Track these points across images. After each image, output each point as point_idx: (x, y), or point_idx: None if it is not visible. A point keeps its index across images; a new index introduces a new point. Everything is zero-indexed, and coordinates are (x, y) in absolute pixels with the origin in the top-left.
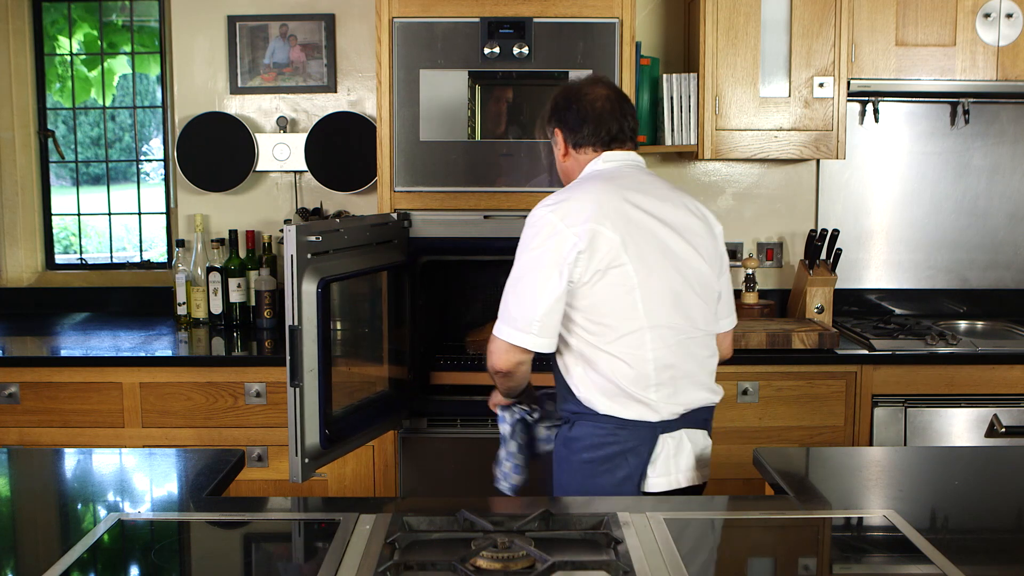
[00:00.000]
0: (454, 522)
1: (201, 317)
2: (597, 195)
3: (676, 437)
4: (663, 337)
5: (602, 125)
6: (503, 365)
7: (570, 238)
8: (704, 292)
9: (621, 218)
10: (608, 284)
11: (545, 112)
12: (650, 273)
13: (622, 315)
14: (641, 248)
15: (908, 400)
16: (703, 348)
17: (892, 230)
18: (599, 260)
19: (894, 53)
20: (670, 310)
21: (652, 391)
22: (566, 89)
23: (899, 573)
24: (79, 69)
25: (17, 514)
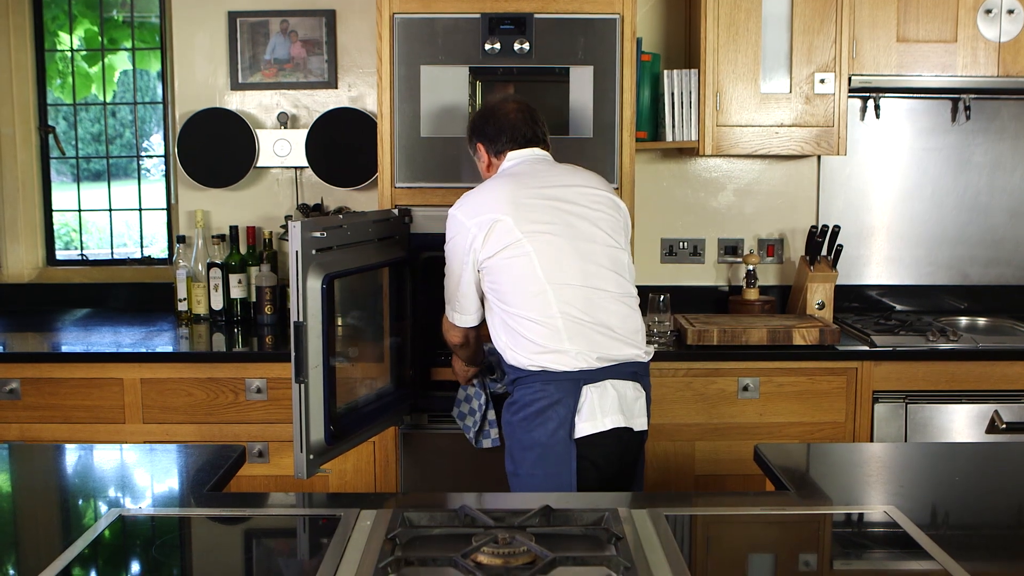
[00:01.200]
0: (455, 518)
1: (202, 313)
2: (494, 188)
3: (600, 386)
4: (566, 295)
5: (517, 131)
6: (453, 338)
7: (472, 229)
8: (608, 261)
9: (513, 202)
10: (509, 257)
11: (467, 135)
12: (546, 241)
13: (525, 280)
14: (534, 223)
15: (909, 396)
16: (618, 308)
17: (893, 226)
18: (497, 241)
19: (895, 49)
20: (570, 271)
21: (566, 342)
22: (482, 109)
23: (900, 569)
24: (80, 65)
25: (18, 510)
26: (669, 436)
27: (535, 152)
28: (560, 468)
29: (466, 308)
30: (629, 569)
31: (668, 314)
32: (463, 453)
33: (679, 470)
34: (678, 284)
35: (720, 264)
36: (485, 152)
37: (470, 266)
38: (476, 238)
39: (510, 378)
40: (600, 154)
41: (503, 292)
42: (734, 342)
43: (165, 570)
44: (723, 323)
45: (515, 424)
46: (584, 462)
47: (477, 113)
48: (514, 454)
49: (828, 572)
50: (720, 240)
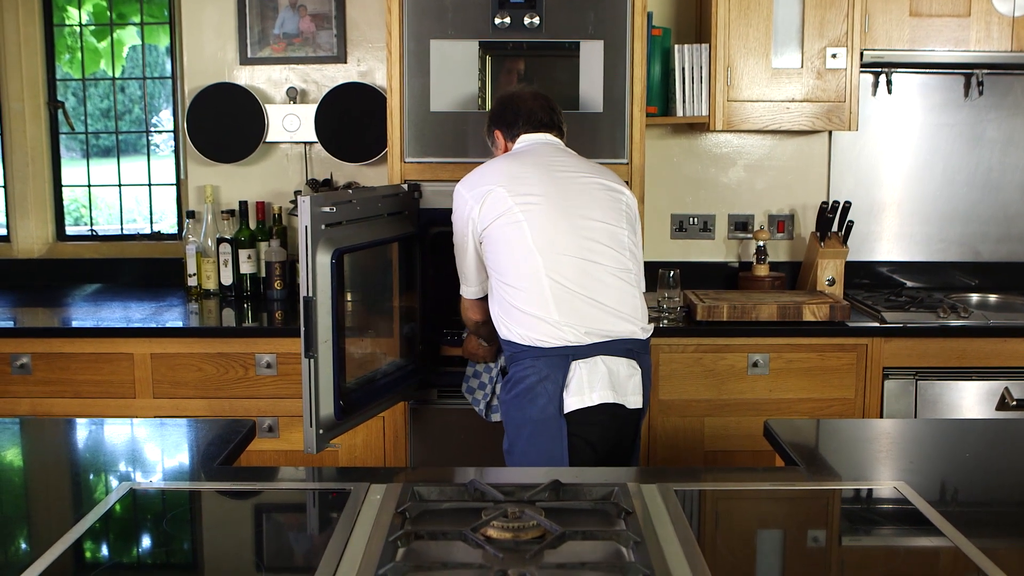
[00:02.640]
0: (464, 492)
1: (211, 288)
2: (494, 163)
3: (590, 363)
4: (557, 264)
5: (534, 115)
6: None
7: (470, 201)
8: (605, 236)
9: (508, 174)
10: (502, 226)
11: (486, 125)
12: (540, 214)
13: (516, 248)
14: (527, 195)
15: (919, 373)
16: (613, 281)
17: (904, 202)
18: (491, 210)
19: (908, 23)
20: (563, 242)
21: (553, 311)
22: (500, 98)
23: (910, 545)
24: (88, 40)
25: (30, 484)
26: (678, 412)
27: (546, 136)
28: (552, 445)
29: (470, 279)
30: (639, 544)
31: (678, 290)
32: (472, 428)
33: (688, 446)
34: (688, 260)
35: (730, 240)
36: (502, 138)
37: (471, 237)
38: (473, 209)
39: (506, 355)
40: (610, 129)
41: (497, 262)
42: (744, 318)
43: (176, 544)
44: (733, 299)
45: (509, 402)
46: (577, 439)
47: (494, 103)
48: (509, 432)
49: (837, 548)
50: (730, 216)
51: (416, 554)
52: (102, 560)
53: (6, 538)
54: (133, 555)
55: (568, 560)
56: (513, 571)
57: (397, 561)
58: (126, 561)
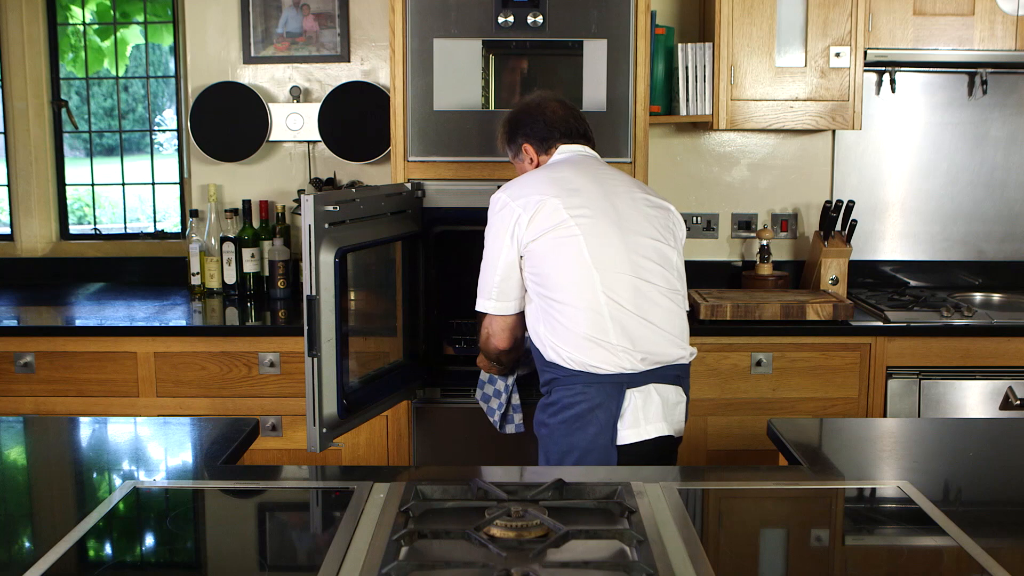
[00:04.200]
0: (467, 491)
1: (215, 287)
2: (541, 172)
3: (644, 391)
4: (614, 282)
5: (568, 125)
6: (499, 343)
7: (516, 209)
8: (655, 255)
9: (560, 185)
10: (554, 238)
11: (507, 133)
12: (596, 228)
13: (571, 265)
14: (582, 208)
15: (922, 372)
16: (664, 303)
17: (908, 201)
18: (543, 222)
19: (912, 22)
20: (620, 260)
21: (611, 334)
22: (524, 107)
23: (914, 544)
24: (92, 39)
25: (33, 483)
26: None
27: (584, 148)
28: None
29: (508, 294)
30: (642, 543)
31: None
32: (476, 427)
33: (692, 445)
34: (691, 259)
35: (734, 239)
36: (533, 151)
37: (513, 249)
38: (520, 218)
39: (547, 377)
40: (613, 128)
41: (546, 277)
42: (747, 317)
43: (179, 542)
44: (736, 298)
45: (553, 427)
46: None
47: (518, 113)
48: (550, 455)
49: (841, 547)
50: (734, 215)
51: (419, 553)
52: (106, 559)
53: (10, 537)
54: (137, 554)
55: (571, 559)
56: (516, 570)
57: (400, 560)
58: (129, 560)
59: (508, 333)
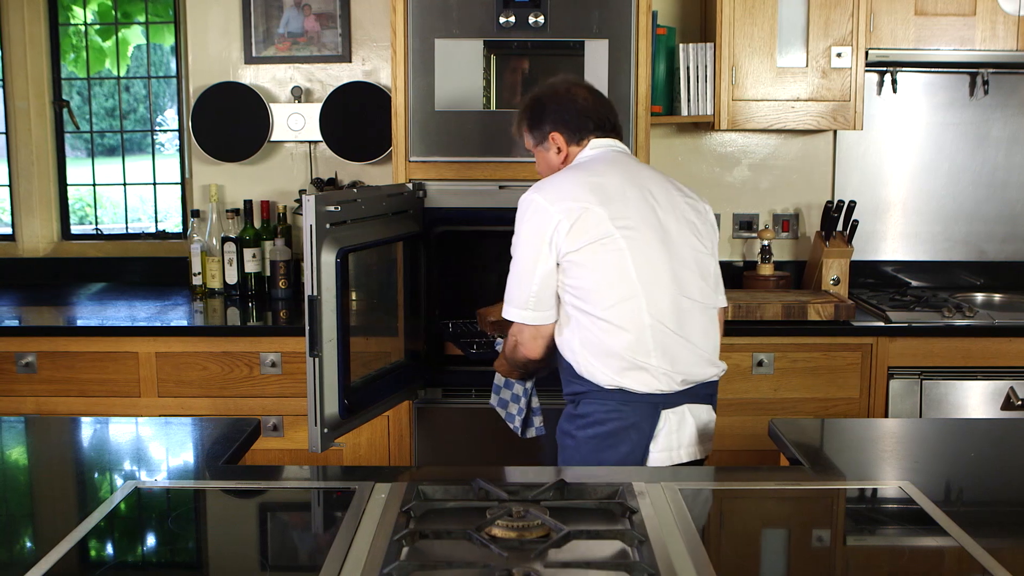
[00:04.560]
0: (469, 491)
1: (216, 287)
2: (580, 175)
3: (679, 413)
4: (659, 302)
5: (600, 115)
6: (531, 353)
7: (555, 215)
8: (698, 267)
9: (603, 192)
10: (599, 253)
11: (530, 119)
12: (641, 242)
13: (617, 281)
14: (629, 219)
15: (924, 372)
16: (702, 320)
17: (909, 201)
18: (585, 233)
19: (913, 22)
20: (664, 277)
21: (652, 356)
22: (552, 91)
23: (915, 545)
24: (93, 39)
25: (35, 482)
26: None
27: (618, 144)
28: None
29: (545, 303)
30: (643, 543)
31: None
32: (477, 427)
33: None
34: None
35: (735, 239)
36: (564, 141)
37: (552, 257)
38: (560, 225)
39: (575, 388)
40: None
41: (586, 292)
42: (749, 317)
43: (181, 542)
44: (738, 298)
45: (581, 440)
46: None
47: (545, 97)
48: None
49: (842, 547)
50: (735, 215)
51: (421, 553)
52: (107, 559)
53: (12, 536)
54: (138, 554)
55: (573, 559)
56: (518, 570)
57: (402, 560)
58: (131, 560)
59: (541, 342)
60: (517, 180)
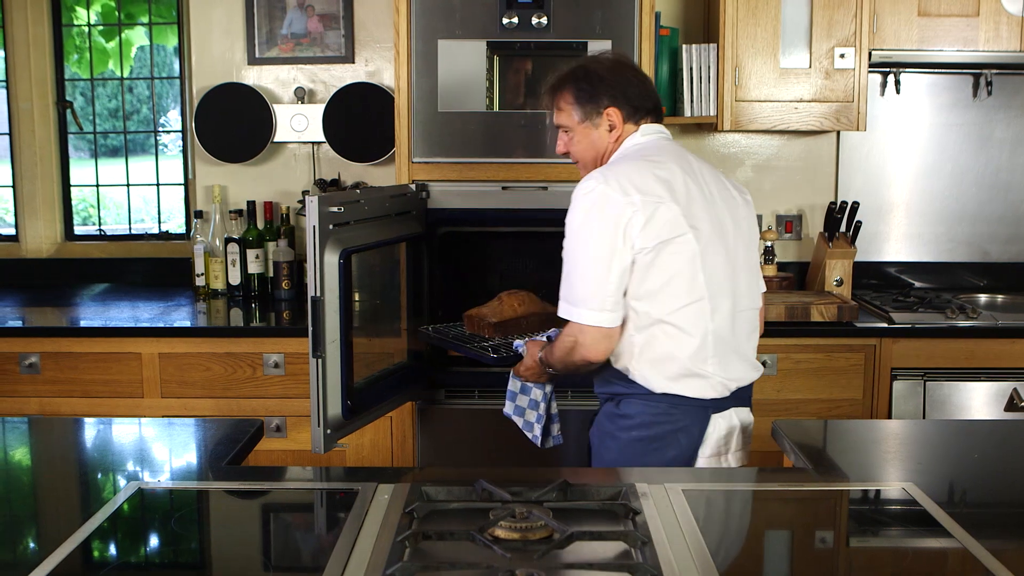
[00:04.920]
0: (472, 492)
1: (219, 288)
2: (647, 166)
3: (726, 416)
4: (720, 308)
5: (656, 97)
6: (596, 355)
7: (627, 208)
8: (749, 267)
9: (674, 189)
10: (670, 254)
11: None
12: (706, 242)
13: (686, 285)
14: (697, 218)
15: (927, 374)
16: (749, 323)
17: (912, 202)
18: (660, 230)
19: (916, 23)
20: (725, 281)
21: (710, 363)
22: (612, 66)
23: (918, 546)
24: (97, 40)
25: (38, 483)
26: None
27: (665, 131)
28: None
29: (619, 302)
30: (646, 544)
31: None
32: (480, 428)
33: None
34: None
35: None
36: (620, 119)
37: (627, 252)
38: (635, 218)
39: (618, 389)
40: None
41: (653, 294)
42: None
43: (184, 543)
44: None
45: (625, 443)
46: None
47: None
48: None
49: (845, 548)
50: None
51: (424, 554)
52: (110, 559)
53: (15, 537)
54: (141, 554)
55: (576, 560)
56: (521, 571)
57: (405, 561)
58: (134, 560)
59: (608, 345)
60: (520, 181)
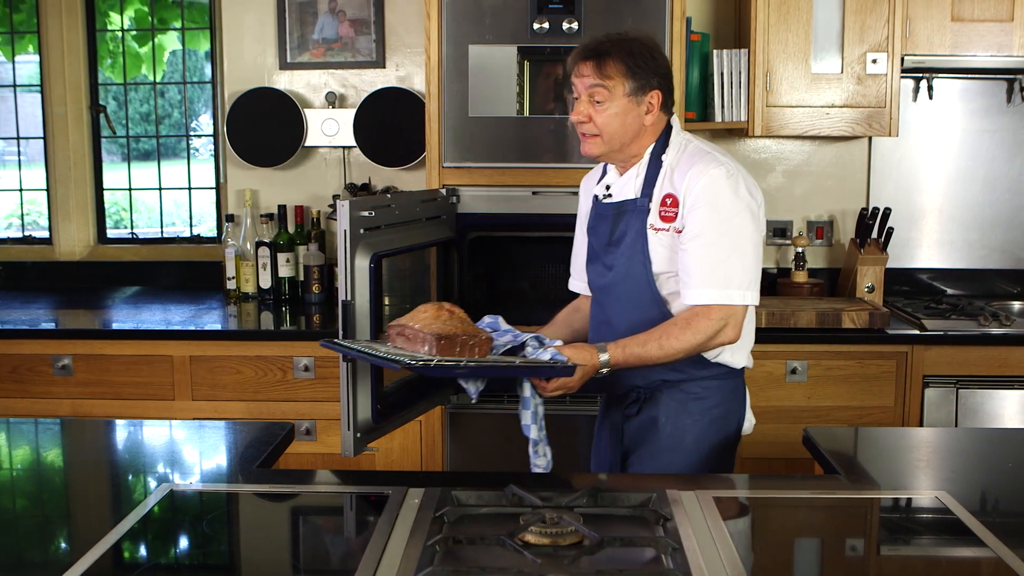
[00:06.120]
0: (502, 497)
1: (250, 291)
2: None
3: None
4: None
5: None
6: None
7: (756, 194)
8: None
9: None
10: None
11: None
12: None
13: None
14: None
15: (960, 381)
16: None
17: (945, 209)
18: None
19: (949, 28)
20: None
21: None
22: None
23: (952, 555)
24: (130, 45)
25: (70, 484)
26: None
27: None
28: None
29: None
30: (677, 550)
31: None
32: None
33: None
34: None
35: (768, 246)
36: (659, 105)
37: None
38: (762, 204)
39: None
40: None
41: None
42: (782, 324)
43: (214, 545)
44: (771, 305)
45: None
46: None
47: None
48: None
49: (875, 557)
50: (769, 222)
51: (454, 559)
52: (142, 561)
53: (48, 538)
54: (172, 556)
55: (606, 566)
56: None
57: (435, 566)
58: (165, 562)
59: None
60: (550, 186)
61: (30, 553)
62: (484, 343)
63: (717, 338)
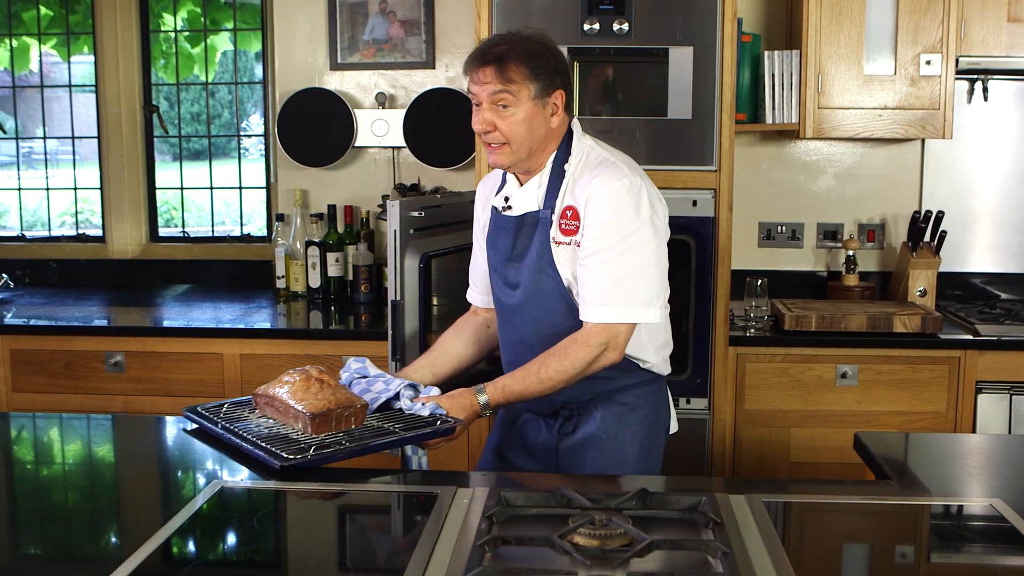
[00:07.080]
0: (551, 498)
1: (299, 290)
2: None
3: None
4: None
5: None
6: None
7: (658, 202)
8: None
9: None
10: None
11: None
12: None
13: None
14: None
15: (1014, 388)
16: None
17: (999, 212)
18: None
19: (1005, 29)
20: None
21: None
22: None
23: (1005, 563)
24: (183, 46)
25: (121, 480)
26: (765, 422)
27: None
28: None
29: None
30: (727, 554)
31: (765, 299)
32: None
33: (774, 456)
34: (775, 269)
35: (819, 249)
36: (563, 107)
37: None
38: (664, 213)
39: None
40: (699, 136)
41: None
42: (833, 328)
43: (263, 543)
44: (822, 309)
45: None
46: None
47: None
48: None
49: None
50: (819, 224)
51: (503, 559)
52: (191, 558)
53: (100, 534)
54: (221, 553)
55: (655, 569)
56: None
57: (484, 565)
58: (214, 559)
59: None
60: None
61: (82, 548)
62: (360, 412)
63: (598, 362)
